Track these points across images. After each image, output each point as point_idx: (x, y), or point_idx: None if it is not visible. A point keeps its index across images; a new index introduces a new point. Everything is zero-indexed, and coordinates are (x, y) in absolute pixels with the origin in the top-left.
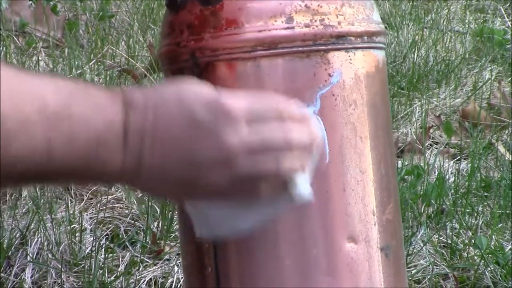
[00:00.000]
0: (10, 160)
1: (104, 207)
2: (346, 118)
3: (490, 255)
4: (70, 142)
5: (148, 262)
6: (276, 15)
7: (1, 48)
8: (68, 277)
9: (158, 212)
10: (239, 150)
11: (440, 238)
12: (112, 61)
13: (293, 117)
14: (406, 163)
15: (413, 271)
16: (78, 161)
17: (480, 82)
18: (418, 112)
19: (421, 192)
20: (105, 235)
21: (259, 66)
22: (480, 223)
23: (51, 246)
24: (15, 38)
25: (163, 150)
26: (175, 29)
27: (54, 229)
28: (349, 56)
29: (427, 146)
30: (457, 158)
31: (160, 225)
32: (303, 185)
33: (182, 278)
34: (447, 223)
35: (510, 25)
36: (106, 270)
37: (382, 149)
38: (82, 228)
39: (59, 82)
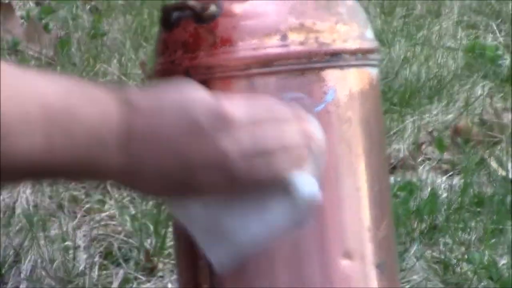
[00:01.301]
0: (13, 158)
1: (98, 225)
2: (341, 135)
3: (483, 271)
4: (69, 139)
5: (141, 279)
6: (271, 33)
7: None
8: None
9: (152, 229)
10: (235, 154)
11: (433, 253)
12: (104, 79)
13: (288, 119)
14: (399, 179)
15: (406, 287)
16: (77, 158)
17: (472, 98)
18: (410, 128)
19: (414, 208)
20: (98, 252)
21: (254, 84)
22: (473, 238)
23: (44, 263)
24: (7, 56)
25: (159, 152)
26: (169, 47)
27: (48, 247)
28: (344, 74)
29: (419, 162)
30: (450, 174)
31: (153, 242)
32: (303, 185)
33: None
34: (440, 239)
35: (502, 41)
36: (100, 287)
37: (376, 166)
38: (76, 245)
39: (59, 79)
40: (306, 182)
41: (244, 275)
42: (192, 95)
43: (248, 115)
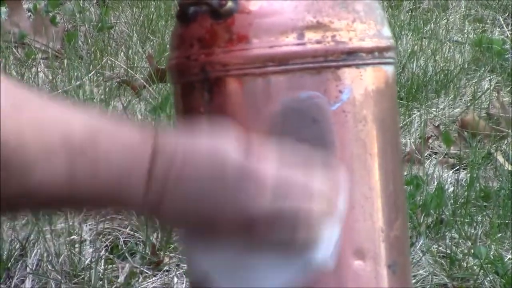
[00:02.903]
0: (31, 189)
1: (104, 218)
2: (356, 134)
3: (489, 265)
4: (92, 178)
5: (147, 273)
6: (287, 31)
7: (0, 59)
8: None
9: (158, 224)
10: (260, 219)
11: (440, 248)
12: (111, 72)
13: (318, 184)
14: (405, 173)
15: (412, 281)
16: (98, 196)
17: (479, 92)
18: (417, 122)
19: (420, 202)
20: (104, 246)
21: (269, 82)
22: (480, 233)
23: (50, 257)
24: (14, 49)
25: (185, 202)
26: (185, 42)
27: (54, 241)
28: (360, 72)
29: (426, 156)
30: (456, 168)
31: (159, 236)
32: (318, 253)
33: None
34: (446, 233)
35: (509, 35)
36: (105, 281)
37: (391, 165)
38: (82, 239)
39: (88, 114)
40: (321, 252)
41: None
42: (223, 145)
43: (278, 179)
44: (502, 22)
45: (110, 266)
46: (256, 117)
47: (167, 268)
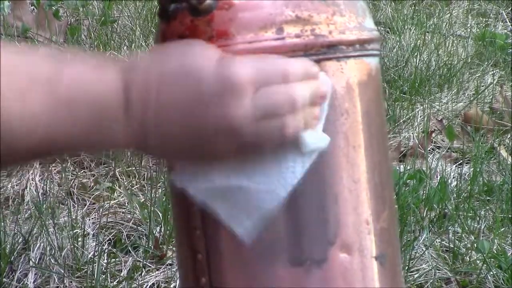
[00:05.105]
0: (15, 135)
1: (107, 212)
2: (338, 127)
3: (492, 259)
4: (70, 109)
5: (150, 267)
6: (267, 26)
7: None
8: (71, 282)
9: (161, 217)
10: (244, 121)
11: (443, 242)
12: None
13: (298, 77)
14: (409, 167)
15: (415, 275)
16: (81, 129)
17: (482, 86)
18: (420, 117)
19: (424, 197)
20: (107, 240)
21: None
22: (483, 227)
23: (53, 251)
24: (17, 43)
25: (168, 120)
26: (166, 39)
27: (57, 234)
28: (341, 65)
29: (429, 150)
30: (459, 162)
31: (162, 230)
32: (312, 140)
33: None
34: (449, 227)
35: None
36: (108, 275)
37: (376, 158)
38: (85, 233)
39: (50, 51)
40: (314, 138)
41: (242, 268)
42: (194, 53)
43: (255, 77)
44: (505, 17)
45: (113, 260)
46: None
47: (170, 262)
